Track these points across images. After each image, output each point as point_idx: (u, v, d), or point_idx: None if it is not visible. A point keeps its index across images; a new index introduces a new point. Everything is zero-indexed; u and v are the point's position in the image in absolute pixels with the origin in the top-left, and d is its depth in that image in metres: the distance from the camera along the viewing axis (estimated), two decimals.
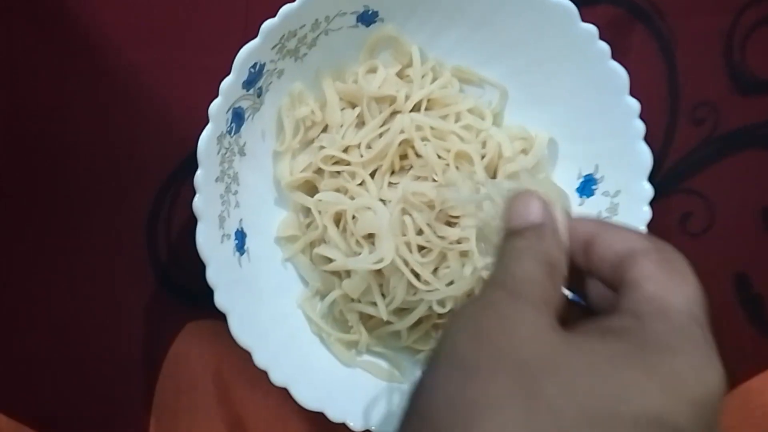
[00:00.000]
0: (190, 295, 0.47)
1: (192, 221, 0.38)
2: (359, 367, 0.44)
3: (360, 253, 0.42)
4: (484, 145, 0.45)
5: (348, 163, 0.44)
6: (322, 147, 0.44)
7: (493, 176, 0.44)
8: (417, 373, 0.44)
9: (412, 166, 0.44)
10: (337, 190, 0.44)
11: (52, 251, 0.46)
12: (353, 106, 0.45)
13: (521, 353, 0.24)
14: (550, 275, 0.27)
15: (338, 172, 0.44)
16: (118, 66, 0.47)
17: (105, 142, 0.47)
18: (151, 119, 0.47)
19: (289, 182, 0.44)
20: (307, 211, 0.44)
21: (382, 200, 0.43)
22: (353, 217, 0.42)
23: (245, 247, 0.42)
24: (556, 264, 0.28)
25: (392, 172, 0.44)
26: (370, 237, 0.42)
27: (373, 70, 0.45)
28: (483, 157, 0.44)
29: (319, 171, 0.44)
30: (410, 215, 0.42)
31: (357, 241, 0.42)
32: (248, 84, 0.40)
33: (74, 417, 0.46)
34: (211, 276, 0.38)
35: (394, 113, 0.45)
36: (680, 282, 0.26)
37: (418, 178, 0.43)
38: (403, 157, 0.44)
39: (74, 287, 0.46)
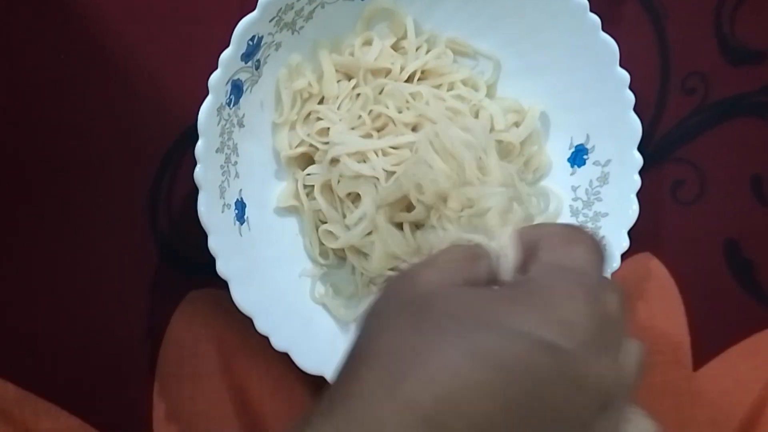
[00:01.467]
0: (191, 267, 0.47)
1: (193, 193, 0.39)
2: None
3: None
4: (476, 116, 0.45)
5: None
6: (318, 119, 0.45)
7: None
8: None
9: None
10: None
11: (53, 225, 0.47)
12: (349, 77, 0.46)
13: (420, 295, 0.28)
14: (471, 257, 0.30)
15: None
16: (115, 40, 0.48)
17: (103, 116, 0.47)
18: (149, 93, 0.48)
19: (286, 156, 0.45)
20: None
21: None
22: (338, 181, 0.43)
23: (245, 217, 0.43)
24: (480, 254, 0.31)
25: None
26: (357, 198, 0.43)
27: (368, 43, 0.46)
28: None
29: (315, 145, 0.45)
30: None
31: (346, 206, 0.43)
32: (247, 56, 0.40)
33: (79, 385, 0.47)
34: (213, 244, 0.39)
35: None
36: (571, 248, 0.29)
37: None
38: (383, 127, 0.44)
39: (77, 259, 0.47)
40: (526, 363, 0.25)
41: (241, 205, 0.43)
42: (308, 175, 0.45)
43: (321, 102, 0.46)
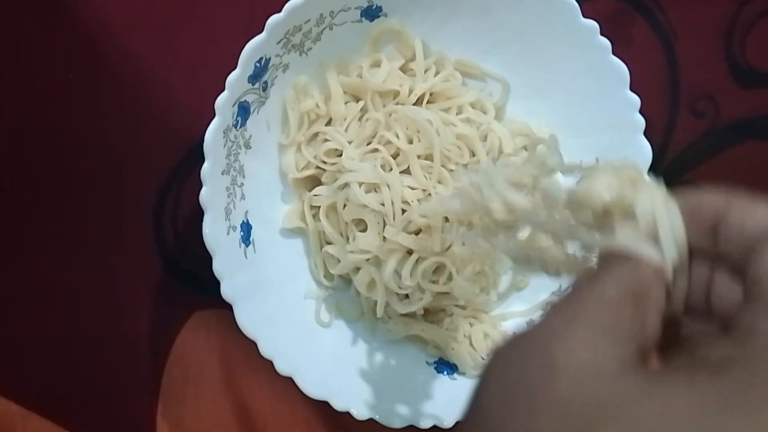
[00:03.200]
0: (197, 283, 0.47)
1: (198, 211, 0.39)
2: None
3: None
4: (485, 138, 0.45)
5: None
6: (326, 140, 0.44)
7: None
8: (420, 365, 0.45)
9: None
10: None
11: (59, 240, 0.47)
12: (357, 99, 0.46)
13: (570, 396, 0.18)
14: (634, 301, 0.20)
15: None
16: (124, 54, 0.48)
17: (110, 127, 0.48)
18: (156, 104, 0.48)
19: (293, 178, 0.45)
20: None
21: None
22: (344, 206, 0.43)
23: (251, 239, 0.43)
24: (647, 292, 0.21)
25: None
26: (360, 223, 0.43)
27: (377, 64, 0.46)
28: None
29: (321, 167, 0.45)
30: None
31: (350, 229, 0.43)
32: (254, 78, 0.40)
33: (82, 403, 0.46)
34: (218, 267, 0.39)
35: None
36: None
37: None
38: (396, 155, 0.44)
39: (82, 275, 0.47)
40: None
41: (246, 227, 0.43)
42: (315, 196, 0.44)
43: (328, 123, 0.46)
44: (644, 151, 0.44)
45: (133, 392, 0.47)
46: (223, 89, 0.39)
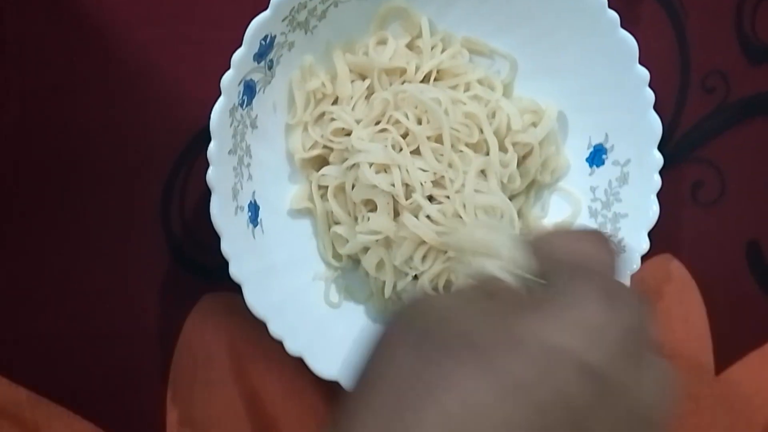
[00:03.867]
0: (204, 270, 0.47)
1: (206, 197, 0.39)
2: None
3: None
4: (493, 115, 0.45)
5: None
6: (333, 119, 0.44)
7: (501, 146, 0.44)
8: None
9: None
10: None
11: (67, 231, 0.47)
12: (364, 78, 0.45)
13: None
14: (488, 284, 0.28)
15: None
16: (128, 42, 0.47)
17: (117, 119, 0.47)
18: (162, 94, 0.47)
19: (300, 158, 0.44)
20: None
21: None
22: (353, 186, 0.42)
23: (258, 219, 0.43)
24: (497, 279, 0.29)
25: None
26: (369, 203, 0.42)
27: (383, 42, 0.45)
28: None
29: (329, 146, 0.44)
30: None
31: (359, 209, 0.43)
32: (259, 56, 0.40)
33: (91, 390, 0.46)
34: (226, 247, 0.39)
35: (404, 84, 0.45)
36: (583, 248, 0.28)
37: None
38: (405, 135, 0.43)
39: (89, 264, 0.47)
40: (562, 396, 0.22)
41: (254, 208, 0.42)
42: (322, 176, 0.44)
43: (335, 103, 0.45)
44: (654, 125, 0.43)
45: (141, 378, 0.47)
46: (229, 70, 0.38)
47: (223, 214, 0.39)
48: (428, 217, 0.41)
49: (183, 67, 0.48)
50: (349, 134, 0.44)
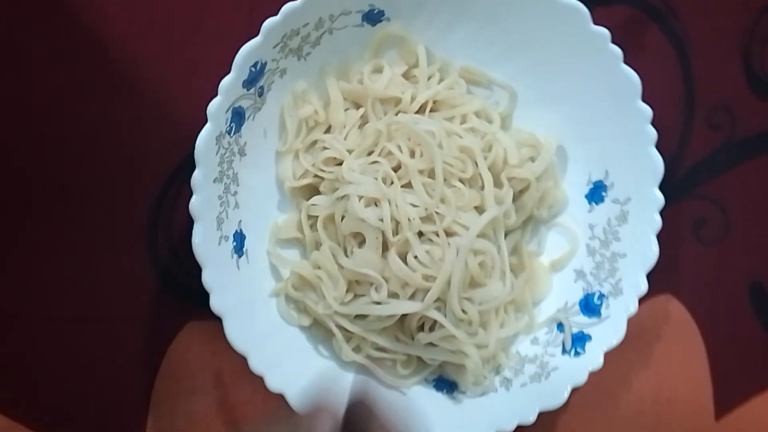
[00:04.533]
0: (190, 295, 0.46)
1: (193, 222, 0.38)
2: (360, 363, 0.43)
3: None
4: (489, 149, 0.43)
5: None
6: (324, 148, 0.43)
7: (497, 180, 0.43)
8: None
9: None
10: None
11: (51, 248, 0.46)
12: (358, 106, 0.44)
13: None
14: None
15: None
16: (121, 60, 0.47)
17: (106, 136, 0.46)
18: (153, 116, 0.47)
19: (290, 187, 0.43)
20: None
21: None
22: (342, 218, 0.41)
23: (244, 249, 0.42)
24: None
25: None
26: (358, 236, 0.41)
27: (378, 70, 0.44)
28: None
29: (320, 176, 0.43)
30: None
31: (348, 241, 0.42)
32: (249, 83, 0.39)
33: (70, 416, 0.45)
34: (207, 279, 0.38)
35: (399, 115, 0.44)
36: None
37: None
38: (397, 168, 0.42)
39: (73, 285, 0.46)
40: None
41: (239, 237, 0.41)
42: (312, 205, 0.43)
43: (327, 131, 0.44)
44: (656, 163, 0.42)
45: (121, 406, 0.46)
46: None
47: (206, 245, 0.38)
48: (416, 258, 0.40)
49: (175, 85, 0.47)
50: (340, 163, 0.43)
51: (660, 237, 0.42)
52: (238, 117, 0.39)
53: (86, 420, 0.45)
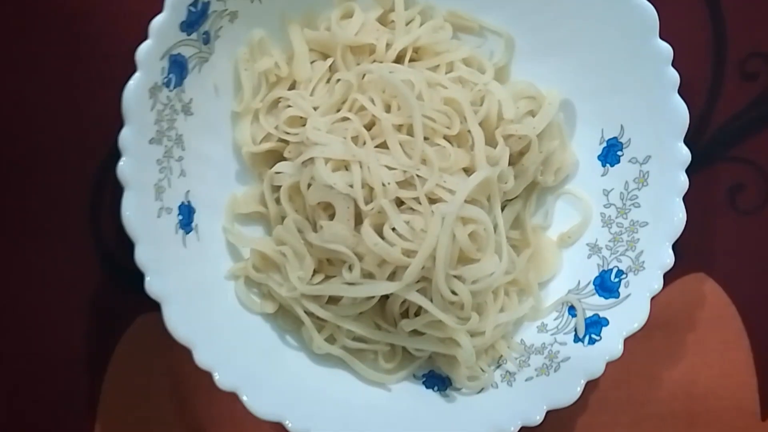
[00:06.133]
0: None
1: None
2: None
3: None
4: (481, 102, 0.38)
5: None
6: (288, 106, 0.38)
7: (491, 139, 0.38)
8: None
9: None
10: None
11: None
12: (325, 57, 0.40)
13: None
14: None
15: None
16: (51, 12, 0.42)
17: (39, 111, 0.42)
18: (91, 86, 0.42)
19: (249, 153, 0.39)
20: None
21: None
22: (309, 186, 0.36)
23: (193, 224, 0.37)
24: None
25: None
26: (328, 208, 0.36)
27: (348, 15, 0.40)
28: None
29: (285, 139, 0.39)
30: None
31: (318, 214, 0.36)
32: (189, 26, 0.35)
33: (7, 424, 0.42)
34: (142, 257, 0.33)
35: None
36: None
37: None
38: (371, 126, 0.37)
39: (8, 277, 0.42)
40: None
41: (187, 210, 0.37)
42: (276, 174, 0.38)
43: (291, 87, 0.40)
44: (679, 112, 0.37)
45: (65, 413, 0.42)
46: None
47: (140, 216, 0.33)
48: (394, 230, 0.35)
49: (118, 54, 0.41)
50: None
51: (690, 206, 0.38)
52: (178, 67, 0.35)
53: (26, 427, 0.42)
